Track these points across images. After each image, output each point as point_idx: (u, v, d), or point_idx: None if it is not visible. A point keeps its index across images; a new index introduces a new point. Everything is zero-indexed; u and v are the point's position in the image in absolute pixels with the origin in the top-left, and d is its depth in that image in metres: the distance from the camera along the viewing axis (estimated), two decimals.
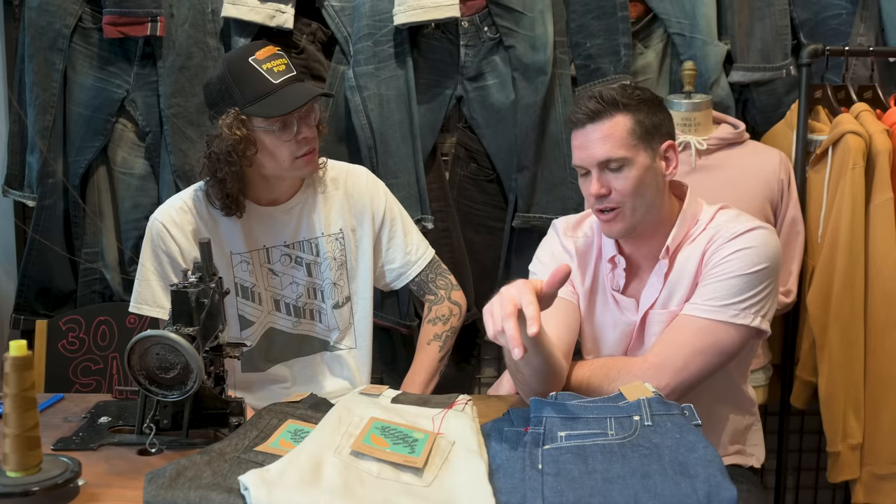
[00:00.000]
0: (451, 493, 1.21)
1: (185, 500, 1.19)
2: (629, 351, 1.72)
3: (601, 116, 1.58)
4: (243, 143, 1.77)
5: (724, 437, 1.79)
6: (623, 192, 1.59)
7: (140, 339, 1.38)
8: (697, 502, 1.15)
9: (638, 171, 1.59)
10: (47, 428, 1.50)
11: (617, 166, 1.59)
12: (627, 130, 1.58)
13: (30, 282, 2.49)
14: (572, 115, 1.62)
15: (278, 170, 1.83)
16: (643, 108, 1.60)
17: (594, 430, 1.31)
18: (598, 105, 1.58)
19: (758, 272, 1.57)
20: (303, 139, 1.80)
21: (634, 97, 1.60)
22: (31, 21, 2.38)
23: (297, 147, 1.80)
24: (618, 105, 1.58)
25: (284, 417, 1.45)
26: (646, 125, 1.60)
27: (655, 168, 1.62)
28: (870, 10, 2.47)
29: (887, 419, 2.23)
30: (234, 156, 1.77)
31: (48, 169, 2.43)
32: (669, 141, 1.64)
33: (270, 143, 1.79)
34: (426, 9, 2.35)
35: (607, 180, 1.60)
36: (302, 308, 1.97)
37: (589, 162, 1.60)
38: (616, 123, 1.58)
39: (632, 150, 1.58)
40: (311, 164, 1.84)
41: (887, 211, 2.18)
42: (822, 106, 2.37)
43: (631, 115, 1.59)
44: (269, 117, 1.76)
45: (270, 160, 1.81)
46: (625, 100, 1.58)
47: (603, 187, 1.60)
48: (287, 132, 1.78)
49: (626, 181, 1.59)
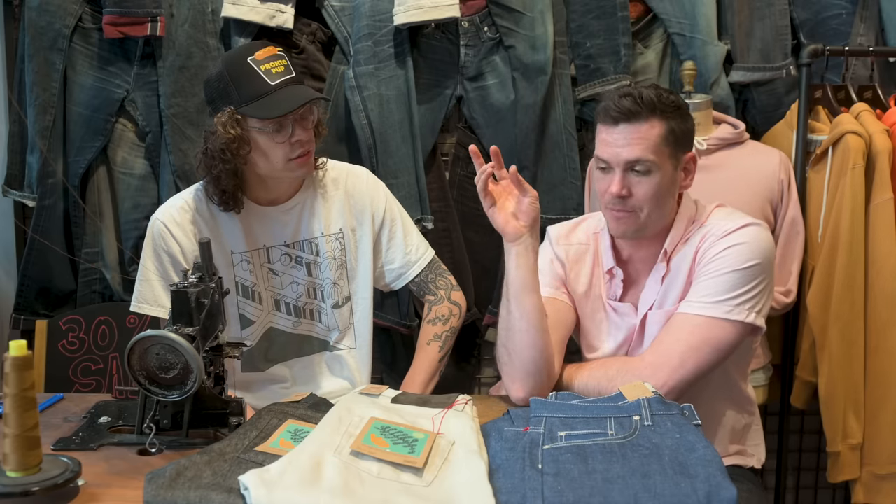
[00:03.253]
0: (451, 493, 1.21)
1: (185, 500, 1.19)
2: (630, 352, 1.72)
3: (637, 118, 1.56)
4: (237, 142, 1.77)
5: (723, 436, 1.79)
6: (643, 196, 1.59)
7: (140, 339, 1.38)
8: (697, 502, 1.15)
9: (661, 177, 1.58)
10: (47, 428, 1.50)
11: (643, 169, 1.57)
12: (661, 136, 1.57)
13: (30, 282, 2.49)
14: (607, 111, 1.59)
15: (272, 170, 1.83)
16: (677, 116, 1.59)
17: (594, 429, 1.31)
18: (636, 105, 1.56)
19: (751, 268, 1.58)
20: (297, 142, 1.79)
21: (670, 103, 1.58)
22: (31, 21, 2.38)
23: (291, 149, 1.80)
24: (655, 109, 1.56)
25: (284, 417, 1.45)
26: (677, 133, 1.58)
27: (675, 177, 1.61)
28: (870, 10, 2.47)
29: (887, 419, 2.23)
30: (228, 154, 1.77)
31: (48, 169, 2.43)
32: (692, 153, 1.63)
33: (264, 143, 1.79)
34: (426, 9, 2.35)
35: (629, 182, 1.59)
36: (302, 308, 1.97)
37: (616, 160, 1.59)
38: (651, 127, 1.56)
39: (661, 157, 1.57)
40: (304, 167, 1.84)
41: (887, 211, 2.18)
42: (822, 106, 2.36)
43: (666, 122, 1.57)
44: (262, 118, 1.76)
45: (264, 160, 1.81)
46: (662, 105, 1.56)
47: (624, 188, 1.58)
48: (281, 134, 1.78)
49: (648, 186, 1.58)
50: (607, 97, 1.62)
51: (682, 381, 1.56)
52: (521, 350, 1.58)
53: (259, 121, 1.77)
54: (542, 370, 1.58)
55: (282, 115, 1.75)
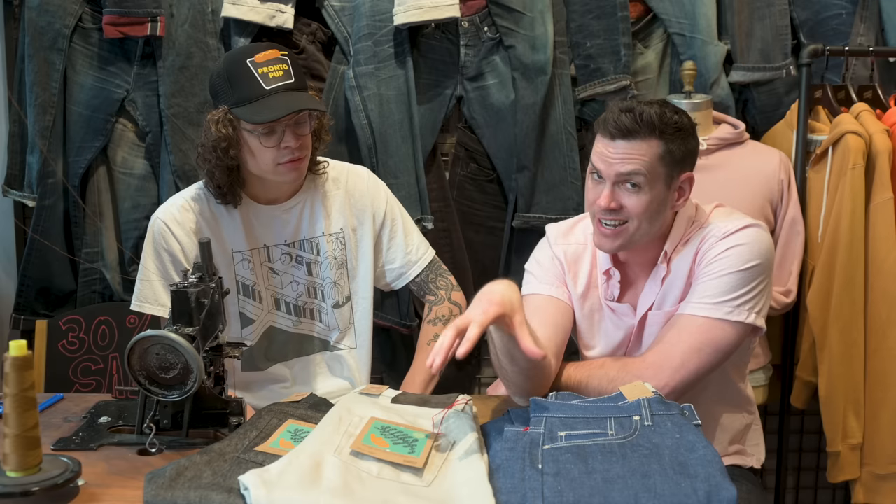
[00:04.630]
0: (451, 492, 1.21)
1: (185, 499, 1.19)
2: (629, 352, 1.72)
3: (635, 136, 1.54)
4: (227, 141, 1.77)
5: (723, 436, 1.79)
6: (633, 211, 1.57)
7: (140, 338, 1.38)
8: (697, 502, 1.15)
9: (652, 195, 1.56)
10: (47, 428, 1.50)
11: (634, 185, 1.56)
12: (657, 156, 1.55)
13: (30, 282, 2.50)
14: (605, 125, 1.57)
15: (260, 171, 1.83)
16: (678, 137, 1.56)
17: (594, 430, 1.31)
18: (635, 124, 1.53)
19: (751, 269, 1.57)
20: (286, 147, 1.78)
21: (672, 123, 1.55)
22: (31, 21, 2.38)
23: (280, 154, 1.79)
24: (654, 130, 1.54)
25: (284, 417, 1.45)
26: (675, 155, 1.56)
27: (668, 197, 1.60)
28: (870, 10, 2.47)
29: (887, 419, 2.23)
30: (219, 151, 1.78)
31: (48, 169, 2.43)
32: (689, 173, 1.61)
33: (254, 145, 1.79)
34: (426, 9, 2.35)
35: (619, 196, 1.57)
36: (302, 307, 1.97)
37: (608, 173, 1.57)
38: (649, 147, 1.54)
39: (653, 175, 1.55)
40: (293, 172, 1.82)
41: (887, 211, 2.18)
42: (822, 106, 2.36)
43: (664, 143, 1.55)
44: (250, 122, 1.76)
45: (253, 161, 1.82)
46: (662, 125, 1.54)
47: (613, 202, 1.57)
48: (271, 138, 1.77)
49: (638, 201, 1.56)
50: (610, 108, 1.60)
51: (684, 381, 1.55)
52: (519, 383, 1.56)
53: (248, 122, 1.76)
54: (540, 383, 1.57)
55: (267, 121, 1.74)
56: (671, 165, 1.57)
